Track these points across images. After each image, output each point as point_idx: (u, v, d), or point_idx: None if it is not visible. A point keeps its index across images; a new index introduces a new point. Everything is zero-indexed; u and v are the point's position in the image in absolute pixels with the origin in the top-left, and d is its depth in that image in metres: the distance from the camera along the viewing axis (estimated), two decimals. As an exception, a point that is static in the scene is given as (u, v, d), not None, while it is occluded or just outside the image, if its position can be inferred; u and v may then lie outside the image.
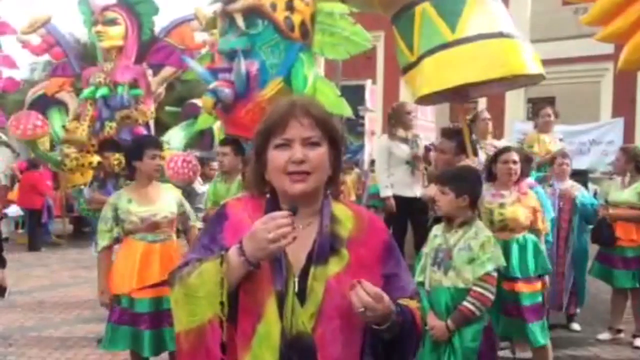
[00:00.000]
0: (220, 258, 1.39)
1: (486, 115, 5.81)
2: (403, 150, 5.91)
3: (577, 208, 5.39)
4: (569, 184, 5.57)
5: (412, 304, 1.55)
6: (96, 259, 5.43)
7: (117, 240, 3.85)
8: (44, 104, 6.47)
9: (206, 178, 6.63)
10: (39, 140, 6.14)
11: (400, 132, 5.97)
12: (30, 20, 6.14)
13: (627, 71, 3.91)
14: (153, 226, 3.73)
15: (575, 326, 5.65)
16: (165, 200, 3.85)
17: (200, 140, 6.42)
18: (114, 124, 5.66)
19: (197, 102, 6.39)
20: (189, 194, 5.68)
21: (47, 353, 4.99)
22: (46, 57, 6.66)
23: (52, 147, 7.12)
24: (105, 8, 5.82)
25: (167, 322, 3.55)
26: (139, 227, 3.70)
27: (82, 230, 13.09)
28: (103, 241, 3.75)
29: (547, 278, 4.13)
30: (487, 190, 4.00)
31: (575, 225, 5.44)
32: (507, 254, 3.91)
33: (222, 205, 1.66)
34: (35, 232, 11.45)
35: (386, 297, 1.39)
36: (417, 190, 5.83)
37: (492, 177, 4.12)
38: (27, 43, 6.31)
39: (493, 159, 4.14)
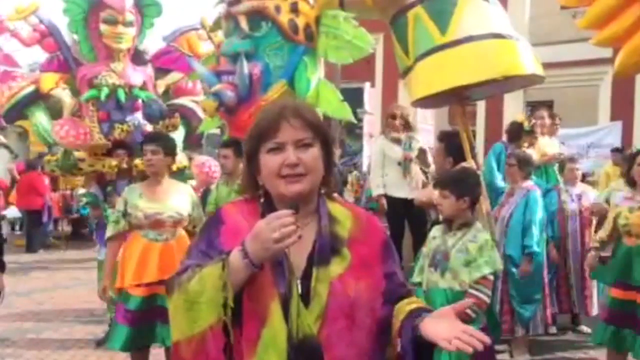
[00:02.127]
0: (222, 262, 1.38)
1: (543, 114, 5.93)
2: (396, 151, 5.96)
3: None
4: (581, 187, 5.61)
5: (420, 302, 1.55)
6: (95, 261, 5.50)
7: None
8: (30, 100, 6.08)
9: None
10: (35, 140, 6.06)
11: (394, 134, 6.00)
12: (17, 8, 5.87)
13: (623, 76, 3.89)
14: (157, 224, 3.72)
15: (585, 328, 5.65)
16: (175, 200, 3.81)
17: (188, 139, 6.39)
18: (125, 127, 5.56)
19: (179, 101, 6.39)
20: (205, 194, 5.78)
21: (45, 355, 4.98)
22: (46, 56, 6.34)
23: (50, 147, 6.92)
24: (129, 10, 5.72)
25: (159, 318, 3.58)
26: (143, 223, 3.70)
27: (81, 232, 13.07)
28: (108, 232, 3.84)
29: None
30: (626, 194, 3.99)
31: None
32: (629, 260, 3.87)
33: (217, 210, 1.65)
34: (33, 233, 11.43)
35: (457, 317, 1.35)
36: (409, 192, 5.86)
37: (632, 180, 4.04)
38: (15, 33, 6.03)
39: (631, 162, 4.05)
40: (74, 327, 5.86)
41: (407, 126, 6.08)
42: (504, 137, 6.16)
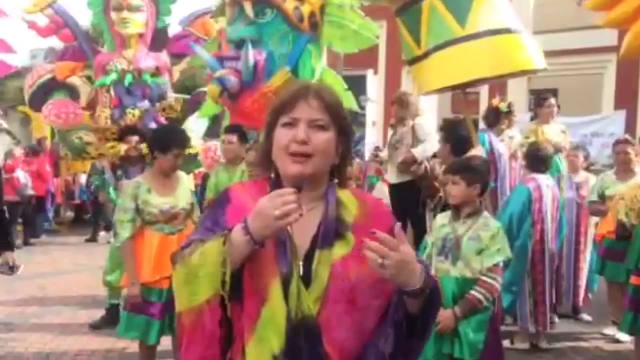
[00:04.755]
0: (223, 238, 1.39)
1: (552, 102, 5.77)
2: (390, 136, 6.01)
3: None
4: (584, 175, 5.58)
5: None
6: (100, 246, 5.53)
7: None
8: (50, 87, 6.29)
9: None
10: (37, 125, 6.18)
11: (393, 120, 6.04)
12: (35, 1, 5.98)
13: (629, 59, 3.91)
14: (171, 217, 3.71)
15: (586, 317, 5.67)
16: (182, 192, 3.80)
17: (213, 127, 6.47)
18: (136, 112, 5.63)
19: (206, 89, 6.47)
20: (204, 179, 5.84)
21: (48, 339, 5.00)
22: (48, 43, 6.57)
23: (53, 132, 7.11)
24: None
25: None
26: (158, 218, 3.67)
27: (83, 217, 13.11)
28: (125, 232, 3.65)
29: None
30: None
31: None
32: None
33: (225, 189, 1.66)
34: (36, 219, 11.45)
35: (405, 246, 1.33)
36: (394, 177, 5.93)
37: None
38: (32, 24, 6.12)
39: None
40: (76, 312, 5.88)
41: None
42: (482, 125, 6.09)
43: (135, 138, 5.38)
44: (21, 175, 10.23)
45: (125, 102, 5.70)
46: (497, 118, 5.71)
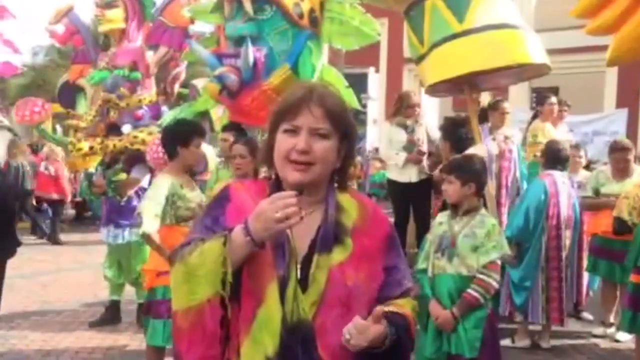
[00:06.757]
0: (224, 238, 1.39)
1: (505, 108, 5.59)
2: (401, 136, 5.95)
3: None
4: (583, 175, 5.56)
5: (406, 306, 1.54)
6: (100, 244, 5.54)
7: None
8: (71, 90, 6.80)
9: None
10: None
11: (400, 119, 5.99)
12: (55, 12, 6.43)
13: (615, 64, 3.91)
14: None
15: (587, 315, 5.65)
16: (197, 188, 3.76)
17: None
18: (116, 108, 5.80)
19: (196, 82, 6.53)
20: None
21: (49, 336, 5.01)
22: (49, 40, 6.79)
23: (54, 130, 7.32)
24: None
25: None
26: (195, 213, 3.48)
27: (84, 215, 13.11)
28: (155, 223, 3.45)
29: None
30: None
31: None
32: None
33: (225, 187, 1.64)
34: (38, 216, 11.44)
35: (373, 328, 1.38)
36: (413, 176, 5.86)
37: None
38: (53, 33, 6.64)
39: None
40: (78, 309, 5.89)
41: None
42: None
43: (113, 135, 5.46)
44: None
45: None
46: (484, 114, 5.66)
